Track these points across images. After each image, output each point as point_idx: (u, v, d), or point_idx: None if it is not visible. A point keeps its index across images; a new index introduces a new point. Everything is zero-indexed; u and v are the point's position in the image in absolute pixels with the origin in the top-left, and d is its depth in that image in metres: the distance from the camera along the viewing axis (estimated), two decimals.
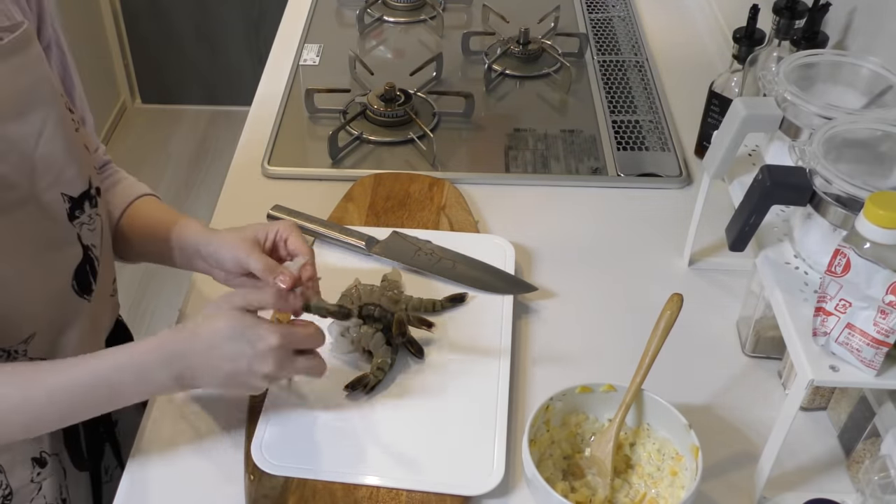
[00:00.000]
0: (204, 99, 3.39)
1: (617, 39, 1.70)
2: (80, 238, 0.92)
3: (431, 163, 1.37)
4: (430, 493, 0.89)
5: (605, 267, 1.19)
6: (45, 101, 0.86)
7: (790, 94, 0.95)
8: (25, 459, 0.94)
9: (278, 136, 1.43)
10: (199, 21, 3.21)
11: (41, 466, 0.96)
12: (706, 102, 1.31)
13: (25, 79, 0.84)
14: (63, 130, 0.87)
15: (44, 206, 0.87)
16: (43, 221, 0.88)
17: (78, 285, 0.92)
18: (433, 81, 1.57)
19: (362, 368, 1.01)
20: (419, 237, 1.19)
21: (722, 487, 0.92)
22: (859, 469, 0.90)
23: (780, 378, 1.04)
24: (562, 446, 0.94)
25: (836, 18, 1.22)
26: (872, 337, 0.76)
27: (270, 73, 1.61)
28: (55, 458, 0.97)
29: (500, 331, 1.06)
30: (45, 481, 0.96)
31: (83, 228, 0.92)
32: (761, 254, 0.94)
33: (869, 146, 0.91)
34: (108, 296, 1.01)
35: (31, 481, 0.95)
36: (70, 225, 0.90)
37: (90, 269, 0.94)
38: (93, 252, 0.94)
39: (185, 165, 3.14)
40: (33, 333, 0.88)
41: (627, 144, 1.41)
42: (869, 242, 0.74)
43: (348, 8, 1.80)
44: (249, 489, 0.89)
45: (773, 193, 0.89)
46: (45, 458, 0.96)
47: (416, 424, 0.96)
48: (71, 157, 0.89)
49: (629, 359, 0.92)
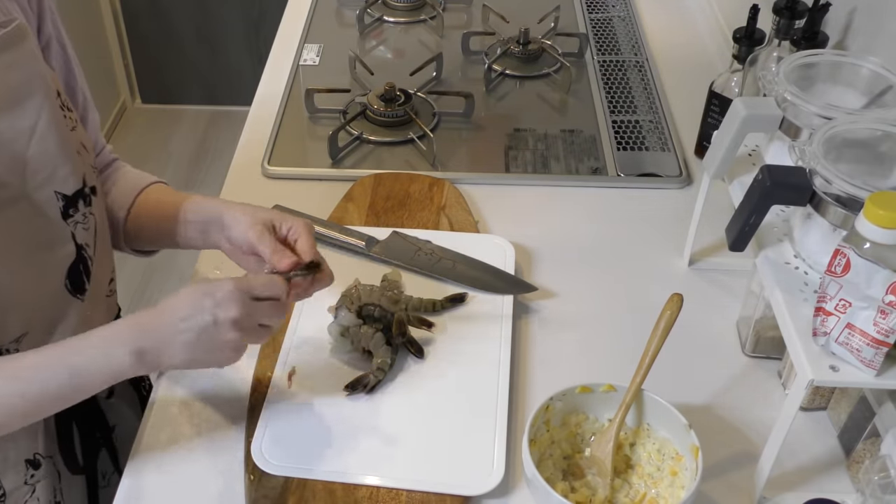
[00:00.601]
0: (204, 99, 3.39)
1: (617, 39, 1.70)
2: (73, 237, 0.91)
3: (431, 163, 1.37)
4: (430, 493, 0.89)
5: (605, 267, 1.19)
6: (37, 98, 0.85)
7: (790, 94, 0.95)
8: (19, 461, 0.94)
9: (278, 136, 1.43)
10: (199, 21, 3.21)
11: (35, 468, 0.95)
12: (706, 102, 1.31)
13: (17, 75, 0.84)
14: (56, 128, 0.87)
15: (36, 205, 0.87)
16: (35, 220, 0.87)
17: (71, 284, 0.92)
18: (433, 81, 1.57)
19: (362, 368, 1.01)
20: (419, 237, 1.19)
21: (722, 487, 0.92)
22: (859, 469, 0.90)
23: (780, 378, 1.04)
24: (562, 446, 0.94)
25: (836, 18, 1.22)
26: (872, 337, 0.76)
27: (270, 73, 1.61)
28: (49, 461, 0.97)
29: (500, 331, 1.06)
30: (38, 484, 0.96)
31: (77, 227, 0.91)
32: (761, 254, 0.94)
33: (869, 146, 0.91)
34: (103, 296, 1.00)
35: (24, 483, 0.95)
36: (64, 223, 0.90)
37: (84, 268, 0.93)
38: (87, 251, 0.93)
39: (185, 165, 3.13)
40: (25, 332, 0.88)
41: (627, 144, 1.41)
42: (869, 242, 0.74)
43: (348, 8, 1.80)
44: (249, 489, 0.89)
45: (773, 193, 0.89)
46: (39, 460, 0.95)
47: (415, 424, 0.96)
48: (65, 156, 0.88)
49: (629, 359, 0.92)
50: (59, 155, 0.88)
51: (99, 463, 1.05)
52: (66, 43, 0.97)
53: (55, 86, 0.90)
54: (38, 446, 0.95)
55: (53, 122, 0.87)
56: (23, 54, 0.85)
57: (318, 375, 1.01)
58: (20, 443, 0.93)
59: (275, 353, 1.03)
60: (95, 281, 0.96)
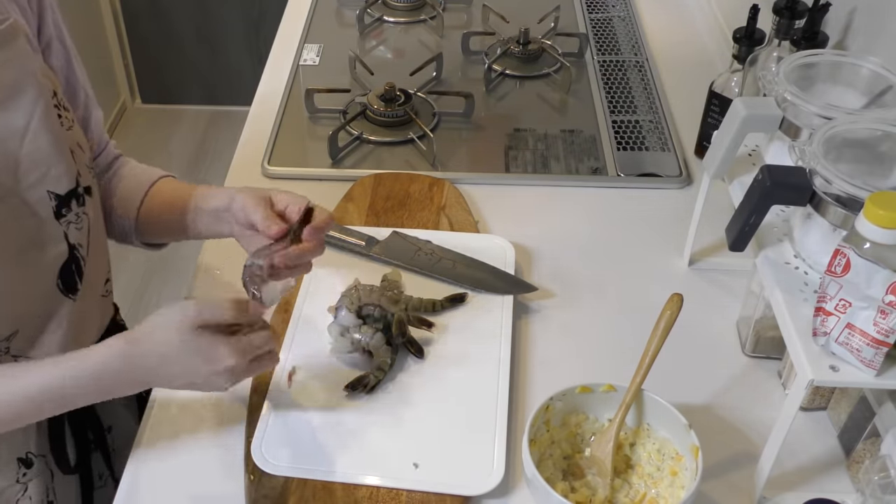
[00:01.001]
0: (204, 99, 3.39)
1: (617, 39, 1.70)
2: (66, 237, 0.91)
3: (431, 163, 1.37)
4: (430, 493, 0.89)
5: (606, 267, 1.19)
6: (30, 96, 0.85)
7: (790, 94, 0.95)
8: (11, 459, 0.94)
9: (278, 136, 1.43)
10: (199, 21, 3.21)
11: (27, 467, 0.95)
12: (706, 102, 1.31)
13: (10, 73, 0.84)
14: (50, 127, 0.87)
15: (29, 204, 0.87)
16: (27, 219, 0.87)
17: (63, 284, 0.92)
18: (433, 81, 1.57)
19: (362, 368, 1.01)
20: (419, 237, 1.19)
21: (722, 487, 0.92)
22: (859, 469, 0.90)
23: (780, 378, 1.04)
24: (562, 446, 0.94)
25: (836, 18, 1.22)
26: (872, 337, 0.76)
27: (270, 73, 1.61)
28: (42, 460, 0.96)
29: (500, 331, 1.06)
30: (30, 482, 0.96)
31: (70, 227, 0.91)
32: (761, 254, 0.94)
33: (869, 146, 0.91)
34: (98, 296, 1.00)
35: (16, 481, 0.94)
36: (56, 223, 0.89)
37: (76, 268, 0.93)
38: (79, 251, 0.93)
39: (185, 165, 3.13)
40: (16, 331, 0.88)
41: (627, 144, 1.41)
42: (869, 242, 0.74)
43: (348, 8, 1.80)
44: (249, 489, 0.89)
45: (773, 193, 0.89)
46: (32, 458, 0.95)
47: (416, 424, 0.96)
48: (58, 155, 0.88)
49: (629, 359, 0.92)
50: (53, 154, 0.87)
51: (93, 463, 1.05)
52: (68, 42, 0.97)
53: (52, 85, 0.90)
54: (31, 445, 0.95)
55: (47, 122, 0.86)
56: (16, 53, 0.84)
57: (318, 375, 1.01)
58: (12, 441, 0.93)
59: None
60: (88, 281, 0.95)
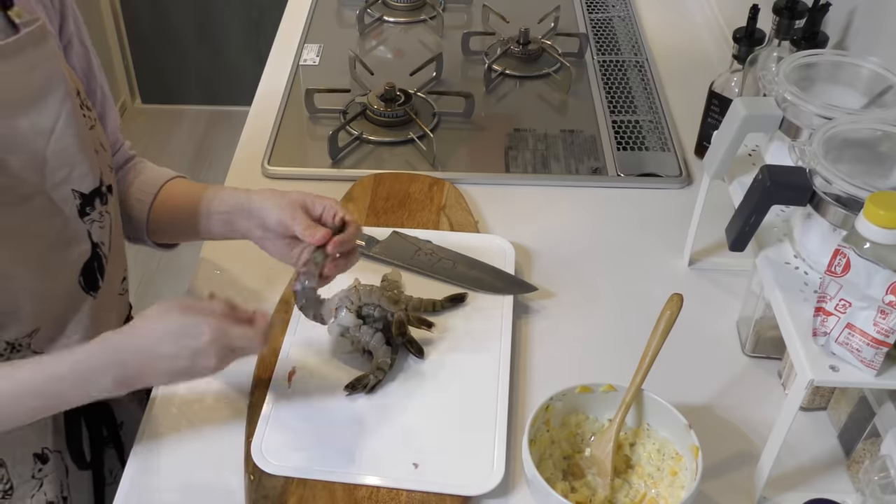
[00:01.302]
0: (204, 99, 3.39)
1: (617, 39, 1.70)
2: (90, 235, 0.92)
3: (431, 163, 1.37)
4: (430, 493, 0.89)
5: (605, 267, 1.19)
6: (58, 97, 0.86)
7: (790, 94, 0.95)
8: (27, 455, 0.95)
9: (278, 136, 1.43)
10: (199, 21, 3.21)
11: (43, 463, 0.96)
12: (706, 102, 1.31)
13: (39, 74, 0.85)
14: (76, 127, 0.88)
15: (54, 202, 0.88)
16: (52, 217, 0.88)
17: (85, 282, 0.93)
18: (433, 81, 1.57)
19: (362, 368, 1.01)
20: (419, 237, 1.19)
21: (722, 487, 0.92)
22: (859, 469, 0.90)
23: (780, 378, 1.04)
24: (562, 446, 0.94)
25: (836, 18, 1.22)
26: (872, 337, 0.76)
27: (270, 73, 1.61)
28: (57, 456, 0.98)
29: (500, 331, 1.06)
30: (46, 478, 0.97)
31: (93, 226, 0.92)
32: (761, 254, 0.94)
33: (869, 146, 0.91)
34: (116, 294, 1.01)
35: (32, 477, 0.95)
36: (80, 222, 0.91)
37: (98, 266, 0.94)
38: (102, 249, 0.94)
39: (185, 165, 3.13)
40: (37, 328, 0.89)
41: (627, 144, 1.41)
42: (869, 242, 0.75)
43: (348, 8, 1.80)
44: (249, 489, 0.89)
45: (773, 193, 0.89)
46: (47, 454, 0.96)
47: (415, 424, 0.96)
48: (83, 154, 0.89)
49: (629, 359, 0.92)
50: (78, 153, 0.88)
51: (106, 459, 1.06)
52: (87, 42, 0.98)
53: (75, 85, 0.91)
54: (47, 441, 0.96)
55: (73, 121, 0.87)
56: (45, 54, 0.85)
57: (318, 375, 1.01)
58: (28, 437, 0.94)
59: (275, 354, 1.03)
60: (109, 279, 0.97)
